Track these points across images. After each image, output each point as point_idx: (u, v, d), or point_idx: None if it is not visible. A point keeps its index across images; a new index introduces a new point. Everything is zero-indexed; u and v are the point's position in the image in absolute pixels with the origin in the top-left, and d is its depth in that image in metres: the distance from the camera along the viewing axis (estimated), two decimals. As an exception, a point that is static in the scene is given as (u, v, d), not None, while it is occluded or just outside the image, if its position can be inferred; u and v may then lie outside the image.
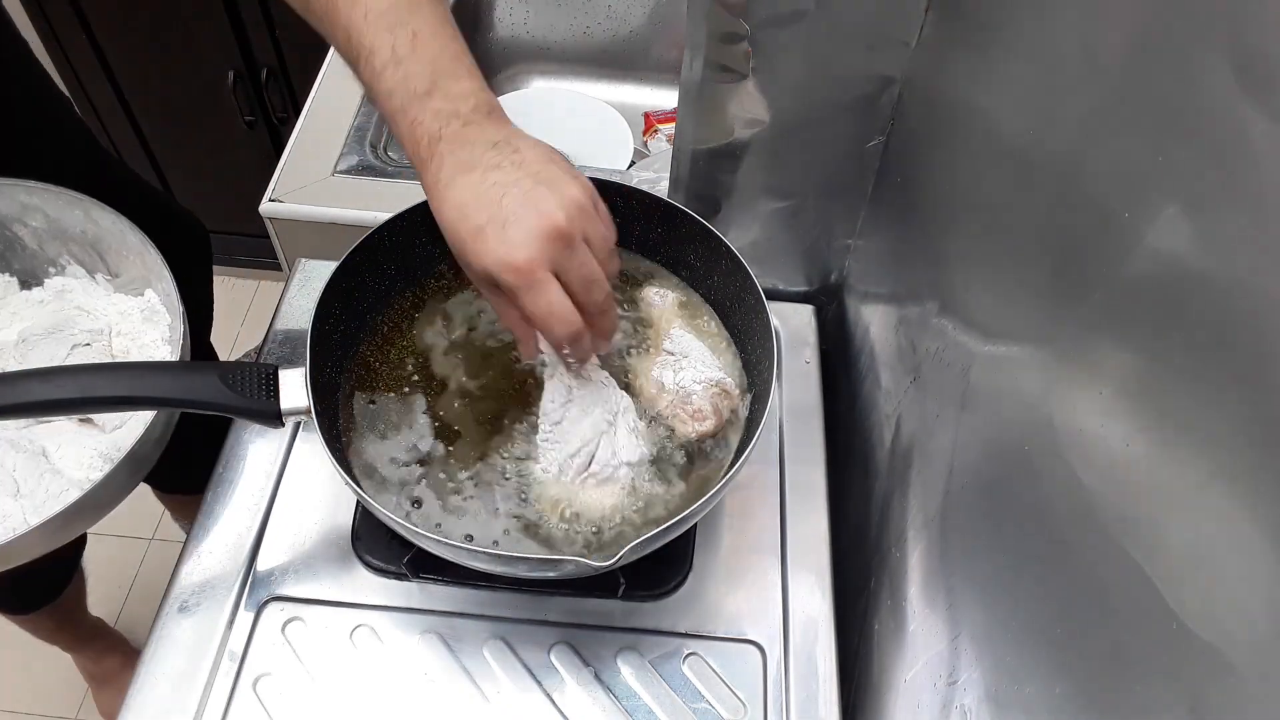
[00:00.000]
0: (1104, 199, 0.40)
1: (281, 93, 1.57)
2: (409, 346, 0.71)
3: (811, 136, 0.74)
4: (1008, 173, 0.52)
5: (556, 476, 0.63)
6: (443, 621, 0.66)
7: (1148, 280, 0.37)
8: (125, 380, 0.59)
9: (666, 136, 1.19)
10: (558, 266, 0.52)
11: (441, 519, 0.63)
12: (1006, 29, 0.53)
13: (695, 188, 0.79)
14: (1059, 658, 0.42)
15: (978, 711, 0.49)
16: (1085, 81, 0.42)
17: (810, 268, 0.86)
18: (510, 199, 0.52)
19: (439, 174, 0.54)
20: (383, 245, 0.71)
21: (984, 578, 0.51)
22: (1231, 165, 0.31)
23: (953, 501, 0.57)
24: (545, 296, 0.52)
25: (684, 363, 0.68)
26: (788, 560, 0.70)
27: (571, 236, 0.52)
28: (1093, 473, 0.40)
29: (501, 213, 0.52)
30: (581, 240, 0.53)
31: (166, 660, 0.64)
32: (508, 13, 1.23)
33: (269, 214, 0.89)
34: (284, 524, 0.70)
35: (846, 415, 0.81)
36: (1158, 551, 0.35)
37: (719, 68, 0.69)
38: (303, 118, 0.98)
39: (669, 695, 0.64)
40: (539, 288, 0.52)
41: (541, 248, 0.51)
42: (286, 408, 0.60)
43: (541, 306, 0.53)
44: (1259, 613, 0.29)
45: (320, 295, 0.65)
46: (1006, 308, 0.52)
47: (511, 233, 0.51)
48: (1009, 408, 0.50)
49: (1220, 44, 0.32)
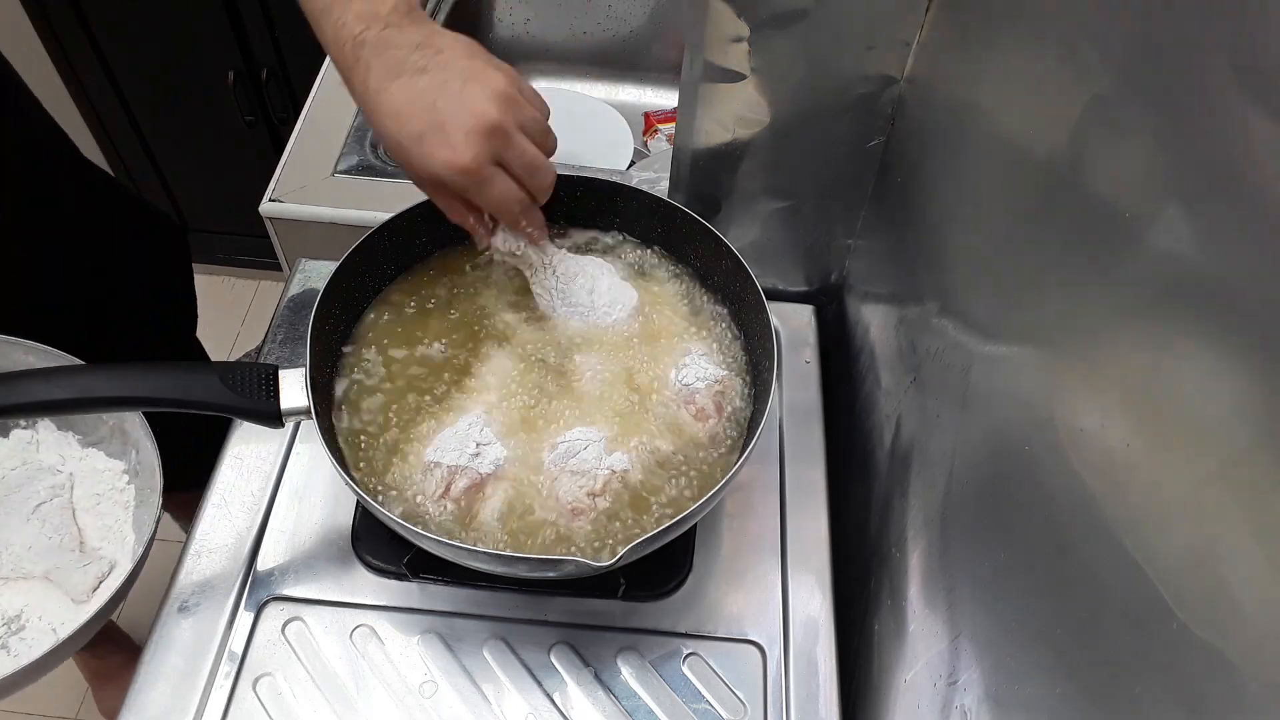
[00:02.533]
0: (1104, 199, 0.40)
1: (281, 93, 1.57)
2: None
3: (811, 136, 0.74)
4: (1008, 172, 0.52)
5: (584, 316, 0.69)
6: (443, 621, 0.66)
7: (1148, 280, 0.37)
8: (125, 381, 0.59)
9: (666, 136, 1.19)
10: (500, 158, 0.57)
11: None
12: (1007, 29, 0.53)
13: (695, 188, 0.79)
14: (1059, 658, 0.42)
15: (978, 711, 0.49)
16: (1085, 81, 0.42)
17: (810, 268, 0.86)
18: (443, 101, 0.55)
19: (367, 81, 0.57)
20: (383, 245, 0.71)
21: (984, 578, 0.51)
22: (1231, 165, 0.31)
23: (953, 502, 0.57)
24: (494, 189, 0.57)
25: (686, 360, 0.68)
26: (788, 560, 0.70)
27: (507, 129, 0.56)
28: (1093, 473, 0.40)
29: (438, 117, 0.55)
30: (517, 129, 0.57)
31: (166, 660, 0.64)
32: (508, 13, 1.23)
33: (269, 214, 0.89)
34: (284, 524, 0.70)
35: (846, 415, 0.81)
36: (1158, 551, 0.35)
37: (719, 68, 0.69)
38: (303, 118, 0.98)
39: (669, 695, 0.64)
40: (487, 183, 0.57)
41: (482, 145, 0.55)
42: (286, 408, 0.60)
43: (493, 198, 0.58)
44: (1259, 613, 0.29)
45: (320, 295, 0.65)
46: (1006, 308, 0.52)
47: (452, 136, 0.55)
48: (1009, 408, 0.50)
49: (1221, 44, 0.32)
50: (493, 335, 0.70)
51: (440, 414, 0.66)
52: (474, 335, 0.70)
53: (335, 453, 0.61)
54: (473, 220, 0.63)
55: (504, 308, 0.72)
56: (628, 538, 0.60)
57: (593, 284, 0.70)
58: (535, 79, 1.28)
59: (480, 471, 0.62)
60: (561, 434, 0.64)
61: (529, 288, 0.72)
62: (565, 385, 0.67)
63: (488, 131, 0.55)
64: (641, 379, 0.68)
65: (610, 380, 0.68)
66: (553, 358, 0.69)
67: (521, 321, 0.71)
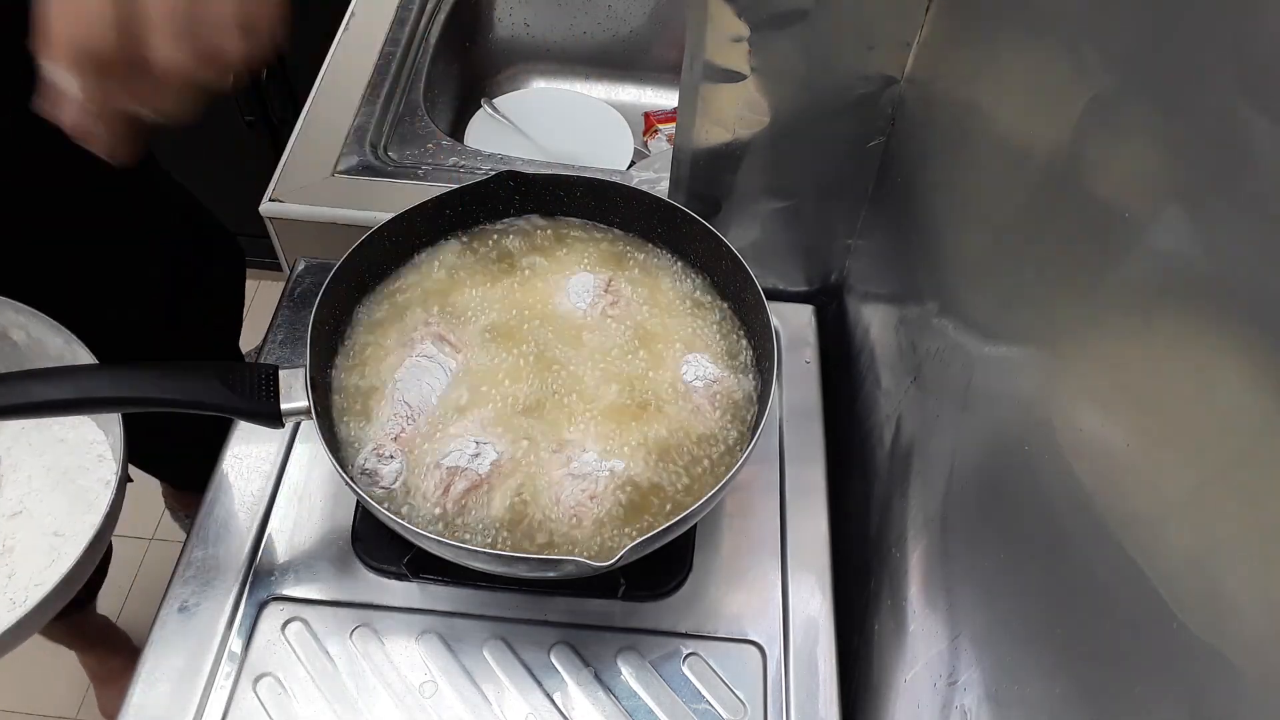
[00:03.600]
0: (1104, 199, 0.40)
1: (281, 93, 1.57)
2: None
3: (811, 136, 0.74)
4: (1008, 172, 0.52)
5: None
6: (443, 621, 0.66)
7: (1148, 280, 0.37)
8: (125, 381, 0.59)
9: (666, 136, 1.19)
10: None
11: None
12: (1007, 28, 0.53)
13: (695, 188, 0.79)
14: (1059, 658, 0.42)
15: (978, 711, 0.49)
16: (1085, 81, 0.42)
17: (810, 268, 0.86)
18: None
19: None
20: (383, 245, 0.71)
21: (984, 578, 0.51)
22: (1232, 165, 0.31)
23: (953, 502, 0.57)
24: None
25: (685, 360, 0.68)
26: (788, 560, 0.70)
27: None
28: (1092, 473, 0.40)
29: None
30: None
31: (166, 660, 0.64)
32: (508, 13, 1.23)
33: (269, 214, 0.89)
34: (284, 524, 0.70)
35: (846, 415, 0.81)
36: (1158, 551, 0.35)
37: (719, 68, 0.69)
38: (303, 118, 0.98)
39: (669, 695, 0.64)
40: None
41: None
42: (286, 408, 0.60)
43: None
44: (1259, 613, 0.29)
45: (320, 295, 0.65)
46: (1007, 308, 0.52)
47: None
48: (1009, 408, 0.50)
49: (1222, 44, 0.32)
50: (493, 335, 0.70)
51: (440, 414, 0.66)
52: (474, 335, 0.70)
53: (335, 453, 0.61)
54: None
55: (504, 307, 0.72)
56: (627, 538, 0.60)
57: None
58: (535, 79, 1.28)
59: (480, 472, 0.62)
60: (562, 434, 0.65)
61: (529, 288, 0.72)
62: (566, 385, 0.67)
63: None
64: (641, 379, 0.68)
65: (610, 380, 0.68)
66: (553, 357, 0.69)
67: (522, 321, 0.71)
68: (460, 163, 0.96)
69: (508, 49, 1.26)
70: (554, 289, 0.72)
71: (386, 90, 1.01)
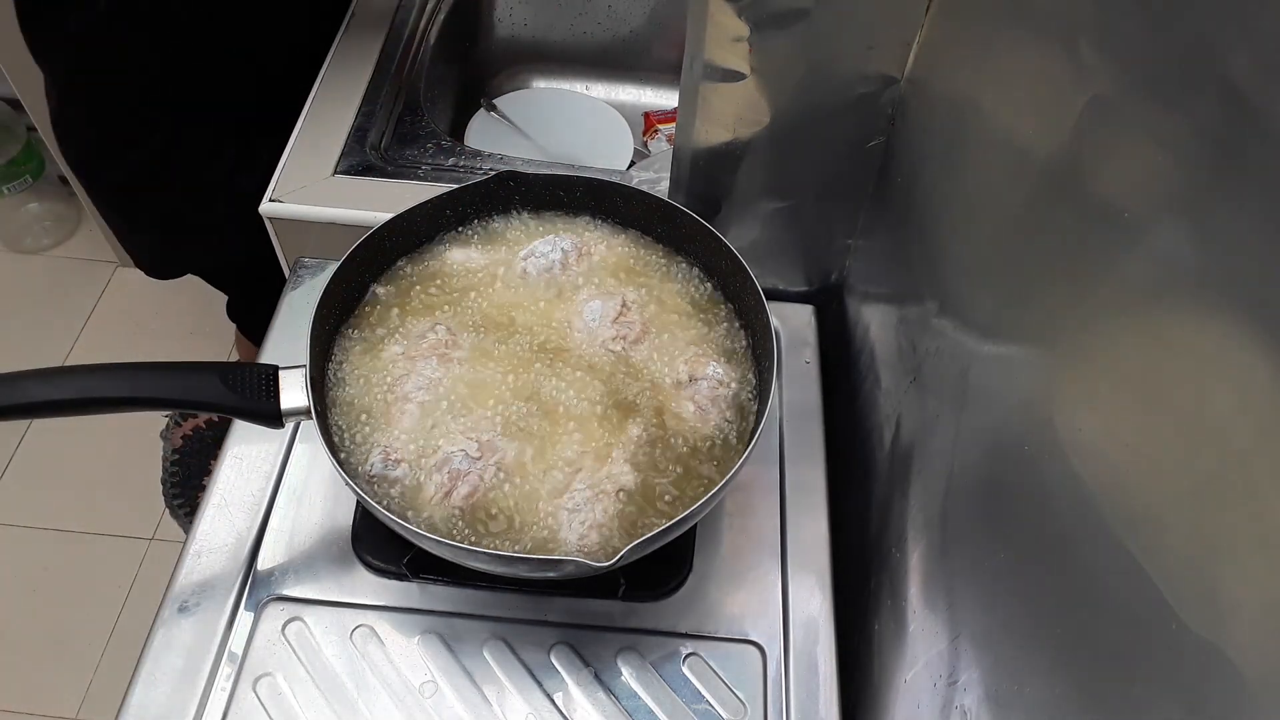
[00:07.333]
0: (1104, 199, 0.40)
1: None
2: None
3: (811, 136, 0.74)
4: (1008, 172, 0.52)
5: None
6: (443, 622, 0.66)
7: (1147, 280, 0.37)
8: (125, 381, 0.59)
9: (666, 136, 1.19)
10: None
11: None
12: (1007, 29, 0.53)
13: (695, 188, 0.79)
14: (1059, 658, 0.42)
15: (978, 711, 0.49)
16: (1085, 81, 0.42)
17: (810, 268, 0.86)
18: None
19: None
20: (383, 245, 0.71)
21: (984, 578, 0.51)
22: (1232, 165, 0.31)
23: (953, 502, 0.57)
24: None
25: (685, 359, 0.68)
26: (788, 560, 0.70)
27: None
28: (1092, 472, 0.40)
29: None
30: None
31: (166, 660, 0.64)
32: (508, 13, 1.23)
33: (269, 214, 0.89)
34: (284, 524, 0.70)
35: (846, 415, 0.81)
36: (1158, 551, 0.35)
37: (719, 68, 0.69)
38: (303, 118, 0.98)
39: (669, 696, 0.64)
40: None
41: None
42: (286, 408, 0.60)
43: None
44: (1259, 613, 0.29)
45: (320, 295, 0.65)
46: (1006, 308, 0.52)
47: None
48: (1009, 407, 0.50)
49: (1224, 44, 0.32)
50: (493, 335, 0.70)
51: (441, 414, 0.66)
52: (475, 335, 0.70)
53: (335, 453, 0.61)
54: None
55: (505, 307, 0.72)
56: (628, 538, 0.60)
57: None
58: (535, 79, 1.28)
59: (480, 472, 0.62)
60: (562, 434, 0.65)
61: (528, 287, 0.72)
62: (566, 385, 0.67)
63: None
64: (641, 379, 0.68)
65: (611, 380, 0.68)
66: (554, 357, 0.69)
67: (523, 322, 0.71)
68: (460, 163, 0.96)
69: (508, 49, 1.26)
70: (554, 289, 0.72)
71: (386, 90, 1.01)
